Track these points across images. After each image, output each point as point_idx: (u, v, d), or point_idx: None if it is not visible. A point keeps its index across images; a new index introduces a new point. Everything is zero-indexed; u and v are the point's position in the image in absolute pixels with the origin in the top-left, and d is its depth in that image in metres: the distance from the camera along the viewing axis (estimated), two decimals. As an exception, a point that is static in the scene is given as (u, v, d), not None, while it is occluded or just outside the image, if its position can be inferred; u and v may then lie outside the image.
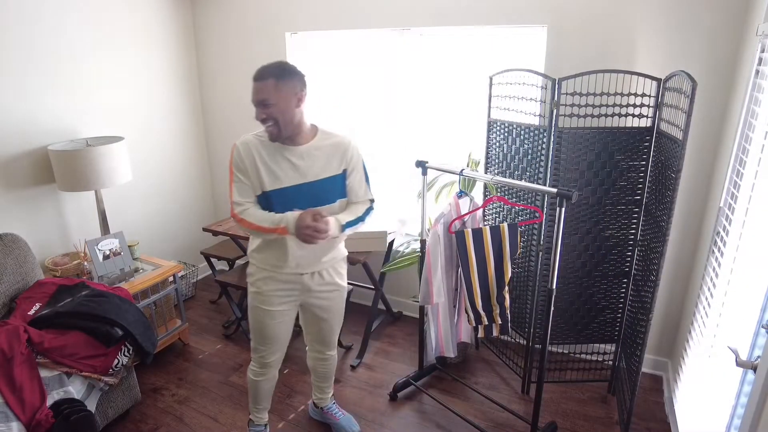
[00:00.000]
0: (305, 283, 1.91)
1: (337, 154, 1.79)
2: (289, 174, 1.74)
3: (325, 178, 1.78)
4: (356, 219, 1.84)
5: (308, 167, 1.75)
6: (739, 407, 1.49)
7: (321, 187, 1.78)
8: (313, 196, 1.77)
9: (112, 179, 2.63)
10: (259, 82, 1.64)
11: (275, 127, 1.68)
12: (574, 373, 2.63)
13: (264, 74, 1.64)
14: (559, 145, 2.17)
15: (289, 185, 1.75)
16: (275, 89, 1.64)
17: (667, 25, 2.19)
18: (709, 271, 2.04)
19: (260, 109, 1.65)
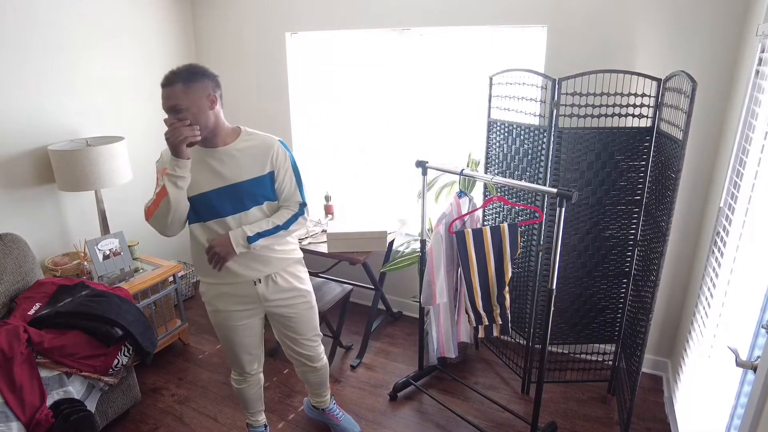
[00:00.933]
0: (260, 293, 1.83)
1: (260, 155, 1.71)
2: (209, 178, 1.68)
3: (248, 180, 1.70)
4: (274, 228, 1.75)
5: (229, 169, 1.68)
6: (739, 407, 1.49)
7: (244, 190, 1.70)
8: (237, 200, 1.70)
9: (112, 179, 2.63)
10: (167, 88, 1.58)
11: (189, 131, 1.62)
12: (574, 373, 2.64)
13: (171, 79, 1.58)
14: (559, 145, 2.17)
15: (210, 189, 1.68)
16: (184, 93, 1.58)
17: (667, 25, 2.19)
18: (709, 271, 2.04)
19: (172, 115, 1.60)
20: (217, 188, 1.68)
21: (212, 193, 1.68)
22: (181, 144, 1.59)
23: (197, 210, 1.70)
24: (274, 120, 3.37)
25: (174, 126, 1.59)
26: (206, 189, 1.67)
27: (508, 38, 2.61)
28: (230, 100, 3.50)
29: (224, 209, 1.69)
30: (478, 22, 2.56)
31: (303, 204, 1.83)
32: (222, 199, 1.68)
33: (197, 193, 1.68)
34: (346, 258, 2.59)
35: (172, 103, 1.58)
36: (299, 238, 2.76)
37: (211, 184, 1.67)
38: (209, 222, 1.71)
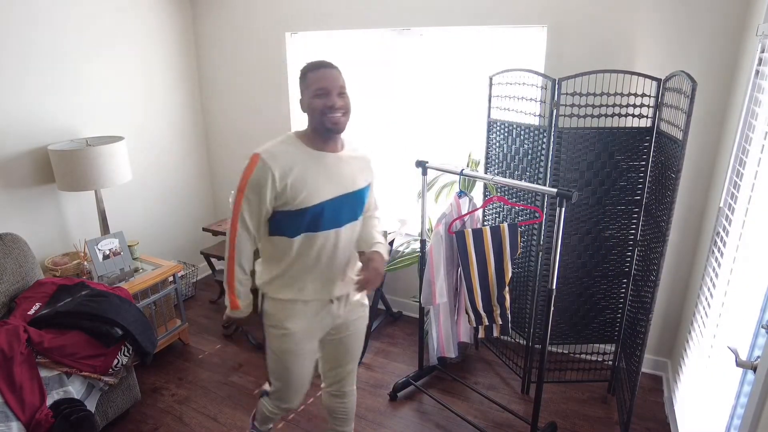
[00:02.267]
0: (334, 313, 1.66)
1: (364, 165, 1.64)
2: (327, 185, 1.51)
3: (359, 190, 1.59)
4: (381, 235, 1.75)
5: (346, 176, 1.56)
6: (739, 407, 1.49)
7: (357, 199, 1.59)
8: (351, 209, 1.58)
9: (112, 179, 2.62)
10: (331, 69, 1.47)
11: (345, 118, 1.50)
12: (574, 374, 2.63)
13: (333, 64, 1.49)
14: (559, 145, 2.17)
15: (333, 197, 1.51)
16: (344, 81, 1.50)
17: (667, 25, 2.19)
18: (708, 271, 2.04)
19: (337, 98, 1.46)
20: (339, 196, 1.53)
21: (335, 201, 1.52)
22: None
23: (311, 220, 1.50)
24: (274, 120, 3.37)
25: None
26: (329, 197, 1.51)
27: (508, 38, 2.61)
28: (230, 100, 3.50)
29: (342, 218, 1.56)
30: (478, 22, 2.56)
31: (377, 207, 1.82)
32: (342, 208, 1.55)
33: (319, 202, 1.49)
34: (346, 258, 2.58)
35: (341, 83, 1.48)
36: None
37: (332, 191, 1.52)
38: (323, 232, 1.53)
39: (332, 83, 1.45)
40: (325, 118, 1.46)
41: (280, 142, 1.51)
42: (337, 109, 1.46)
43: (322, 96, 1.45)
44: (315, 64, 1.49)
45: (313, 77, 1.46)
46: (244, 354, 2.90)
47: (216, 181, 3.82)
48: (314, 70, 1.47)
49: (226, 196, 3.77)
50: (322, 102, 1.45)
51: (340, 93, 1.47)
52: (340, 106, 1.46)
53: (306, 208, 1.47)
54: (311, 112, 1.48)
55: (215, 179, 3.82)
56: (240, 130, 3.55)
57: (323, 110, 1.45)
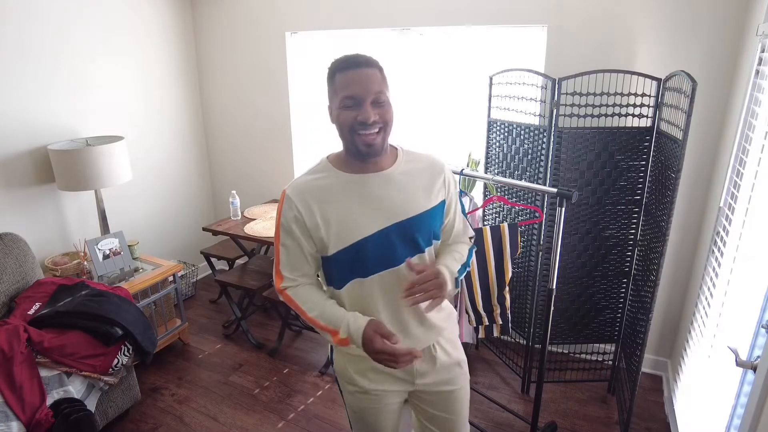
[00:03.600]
0: (416, 370, 1.34)
1: (430, 180, 1.26)
2: (371, 216, 1.19)
3: (420, 215, 1.22)
4: (463, 267, 1.33)
5: (397, 200, 1.21)
6: (739, 407, 1.49)
7: (418, 226, 1.23)
8: (410, 240, 1.23)
9: (112, 179, 2.62)
10: (365, 69, 1.12)
11: (380, 136, 1.15)
12: (574, 373, 2.63)
13: (369, 61, 1.14)
14: (559, 145, 2.17)
15: (378, 230, 1.19)
16: (384, 83, 1.15)
17: (667, 24, 2.19)
18: (709, 271, 2.04)
19: (370, 107, 1.11)
20: (386, 227, 1.20)
21: (382, 235, 1.20)
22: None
23: (352, 263, 1.22)
24: (274, 120, 3.37)
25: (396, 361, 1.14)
26: (372, 231, 1.19)
27: (508, 38, 2.61)
28: (230, 100, 3.50)
29: (397, 254, 1.21)
30: (478, 22, 2.56)
31: (473, 237, 1.42)
32: (394, 242, 1.21)
33: (358, 239, 1.19)
34: (346, 258, 2.58)
35: (378, 89, 1.12)
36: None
37: (376, 224, 1.19)
38: (375, 275, 1.22)
39: (365, 89, 1.10)
40: (356, 137, 1.13)
41: (309, 171, 1.26)
42: (371, 124, 1.11)
43: (351, 107, 1.12)
44: (345, 61, 1.14)
45: (342, 80, 1.12)
46: (244, 354, 2.91)
47: (216, 180, 3.82)
48: (343, 69, 1.13)
49: (226, 195, 3.77)
50: (351, 115, 1.12)
51: (376, 101, 1.12)
52: (374, 120, 1.11)
53: (343, 249, 1.20)
54: (339, 127, 1.16)
55: (215, 179, 3.82)
56: (240, 129, 3.55)
57: (353, 126, 1.12)
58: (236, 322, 3.09)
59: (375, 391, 1.34)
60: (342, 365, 1.36)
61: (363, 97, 1.11)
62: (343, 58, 1.15)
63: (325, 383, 2.64)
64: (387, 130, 1.16)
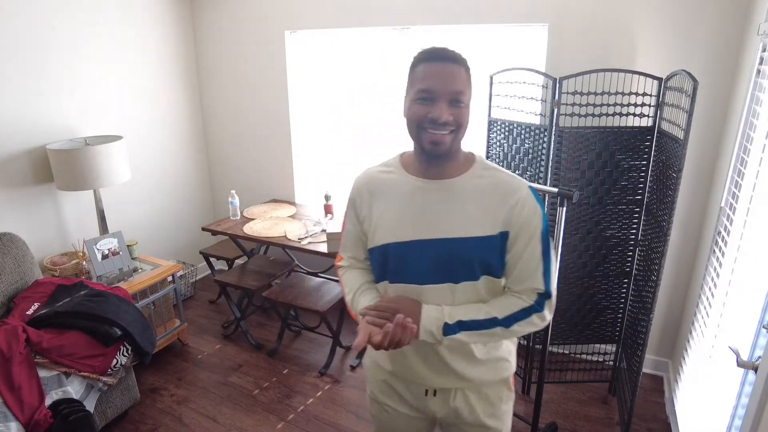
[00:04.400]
0: (430, 410, 1.23)
1: (496, 204, 1.08)
2: (412, 223, 1.11)
3: (467, 239, 1.08)
4: (488, 321, 1.08)
5: (444, 214, 1.09)
6: (740, 408, 1.49)
7: (455, 251, 1.08)
8: (439, 264, 1.09)
9: (111, 178, 2.62)
10: (450, 64, 1.02)
11: (450, 137, 1.04)
12: (575, 374, 2.63)
13: (456, 57, 1.03)
14: (560, 144, 2.16)
15: (406, 240, 1.11)
16: (468, 82, 1.05)
17: (668, 24, 2.19)
18: (710, 271, 2.03)
19: (445, 105, 1.02)
20: (415, 240, 1.10)
21: (408, 246, 1.11)
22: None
23: (379, 264, 1.17)
24: (273, 119, 3.36)
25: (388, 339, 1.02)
26: (401, 239, 1.11)
27: (509, 37, 2.60)
28: (230, 99, 3.50)
29: (421, 273, 1.10)
30: (479, 21, 2.56)
31: (544, 294, 1.11)
32: (420, 259, 1.10)
33: (385, 243, 1.13)
34: (345, 258, 2.58)
35: (458, 88, 1.02)
36: (299, 237, 2.75)
37: (412, 232, 1.10)
38: (400, 285, 1.14)
39: (444, 85, 1.01)
40: (423, 134, 1.04)
41: (382, 163, 1.23)
42: (443, 124, 1.02)
43: (424, 101, 1.03)
44: (430, 52, 1.04)
45: (422, 72, 1.04)
46: (244, 354, 2.90)
47: (215, 180, 3.82)
48: (426, 61, 1.03)
49: (226, 195, 3.76)
50: (423, 110, 1.03)
51: (453, 100, 1.02)
52: (446, 120, 1.02)
53: (374, 248, 1.16)
54: (408, 121, 1.08)
55: (214, 178, 3.82)
56: (240, 129, 3.54)
57: (421, 122, 1.04)
58: (235, 322, 3.08)
59: (386, 405, 1.29)
60: (368, 366, 1.32)
61: (440, 93, 1.01)
62: (430, 48, 1.05)
63: (325, 384, 2.63)
64: (459, 134, 1.06)
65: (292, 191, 3.48)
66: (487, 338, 1.10)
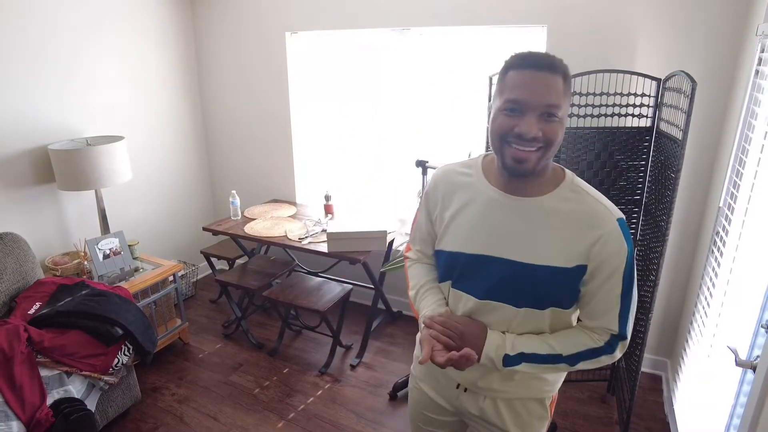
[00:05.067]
0: (464, 408, 1.23)
1: (577, 233, 1.00)
2: (487, 235, 1.05)
3: (539, 266, 1.01)
4: (552, 357, 1.04)
5: (524, 236, 1.02)
6: (739, 407, 1.49)
7: (524, 277, 1.03)
8: (504, 286, 1.05)
9: (112, 179, 2.63)
10: (547, 74, 0.93)
11: (537, 155, 0.96)
12: (574, 373, 2.64)
13: (554, 64, 0.94)
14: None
15: (476, 253, 1.06)
16: (564, 95, 0.96)
17: (667, 25, 2.19)
18: (708, 271, 2.04)
19: (534, 120, 0.94)
20: (486, 255, 1.06)
21: (476, 259, 1.07)
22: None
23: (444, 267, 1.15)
24: (274, 120, 3.37)
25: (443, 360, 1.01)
26: (471, 250, 1.07)
27: (508, 38, 2.61)
28: (231, 100, 3.50)
29: (480, 288, 1.08)
30: (478, 22, 2.56)
31: (618, 336, 1.04)
32: (488, 275, 1.06)
33: (453, 251, 1.10)
34: (346, 258, 2.59)
35: (552, 101, 0.93)
36: (299, 237, 2.76)
37: (482, 246, 1.06)
38: (457, 291, 1.13)
39: (536, 96, 0.92)
40: (506, 148, 0.97)
41: (463, 162, 1.17)
42: (530, 140, 0.94)
43: (512, 112, 0.94)
44: (525, 57, 0.95)
45: (513, 79, 0.95)
46: (244, 353, 2.91)
47: (216, 180, 3.82)
48: (520, 67, 0.94)
49: (227, 195, 3.77)
50: (509, 123, 0.94)
51: (545, 113, 0.94)
52: (535, 135, 0.93)
53: (442, 251, 1.14)
54: (491, 133, 1.00)
55: (215, 178, 3.82)
56: (240, 129, 3.55)
57: (505, 135, 0.96)
58: (236, 321, 3.09)
59: (425, 394, 1.28)
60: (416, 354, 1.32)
61: (531, 105, 0.93)
62: (525, 53, 0.95)
63: (325, 383, 2.64)
64: (549, 152, 0.97)
65: (293, 191, 3.49)
66: (548, 372, 1.08)
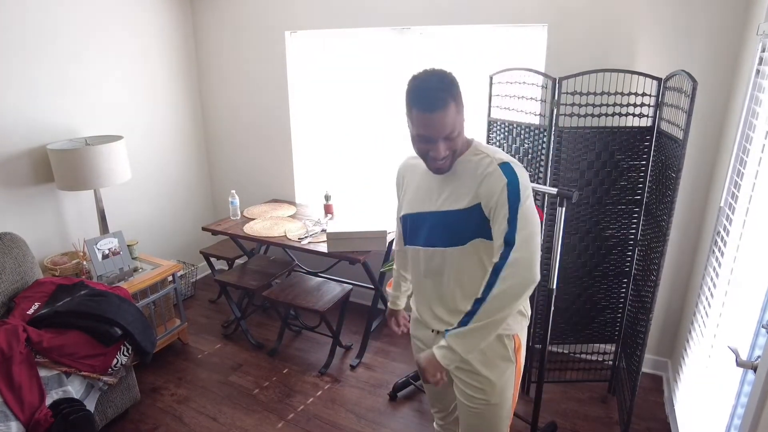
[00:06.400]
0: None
1: (474, 182, 1.27)
2: (418, 199, 1.39)
3: (447, 211, 1.32)
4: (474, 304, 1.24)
5: (437, 191, 1.34)
6: (739, 407, 1.49)
7: (442, 221, 1.33)
8: (433, 231, 1.35)
9: (111, 178, 2.62)
10: (438, 113, 1.16)
11: (449, 160, 1.27)
12: (574, 373, 2.63)
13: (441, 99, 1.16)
14: (560, 144, 2.16)
15: (414, 212, 1.40)
16: (456, 113, 1.20)
17: (667, 24, 2.19)
18: (709, 271, 2.04)
19: (441, 144, 1.21)
20: (417, 213, 1.39)
21: (414, 217, 1.40)
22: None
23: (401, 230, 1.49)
24: (273, 119, 3.36)
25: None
26: (411, 210, 1.41)
27: (509, 37, 2.60)
28: (230, 99, 3.50)
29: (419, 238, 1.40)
30: (479, 21, 2.56)
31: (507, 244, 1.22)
32: (420, 227, 1.39)
33: (403, 214, 1.45)
34: (345, 257, 2.58)
35: (447, 132, 1.19)
36: (299, 237, 2.75)
37: (423, 204, 1.37)
38: (409, 247, 1.45)
39: (437, 132, 1.19)
40: (427, 161, 1.28)
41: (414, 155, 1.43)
42: (441, 158, 1.24)
43: (426, 143, 1.23)
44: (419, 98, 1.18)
45: (416, 119, 1.20)
46: (244, 354, 2.90)
47: (215, 180, 3.82)
48: (418, 109, 1.18)
49: (226, 195, 3.77)
50: (424, 147, 1.25)
51: (447, 138, 1.21)
52: (444, 155, 1.23)
53: (398, 218, 1.50)
54: (414, 149, 1.30)
55: (215, 178, 3.82)
56: (240, 129, 3.54)
57: (422, 155, 1.28)
58: (236, 322, 3.08)
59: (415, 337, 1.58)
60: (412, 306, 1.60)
61: (435, 138, 1.20)
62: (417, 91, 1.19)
63: (325, 383, 2.64)
64: (456, 154, 1.28)
65: (293, 191, 3.48)
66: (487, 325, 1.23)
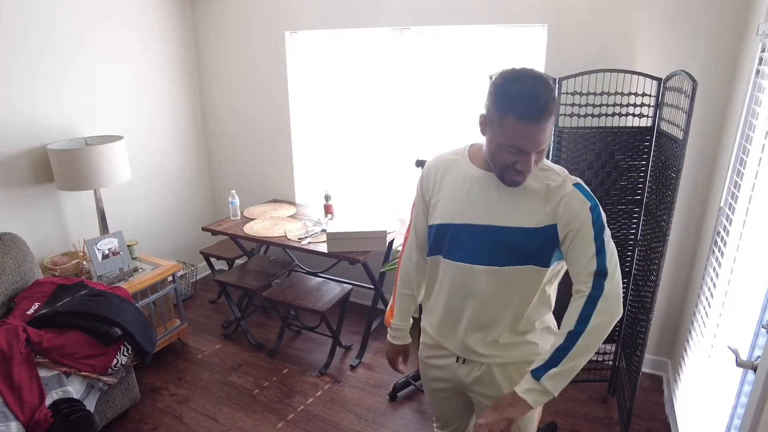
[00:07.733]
0: (460, 376, 1.35)
1: (541, 200, 1.17)
2: (466, 208, 1.22)
3: (513, 228, 1.18)
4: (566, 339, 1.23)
5: (497, 206, 1.19)
6: (739, 407, 1.49)
7: (503, 238, 1.19)
8: (486, 248, 1.21)
9: (111, 178, 2.62)
10: (543, 124, 1.05)
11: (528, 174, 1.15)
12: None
13: (549, 110, 1.04)
14: (560, 144, 2.16)
15: (462, 222, 1.23)
16: (552, 129, 1.12)
17: (667, 24, 2.19)
18: (709, 271, 2.04)
19: (532, 158, 1.10)
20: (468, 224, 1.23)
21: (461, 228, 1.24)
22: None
23: (434, 239, 1.30)
24: (273, 119, 3.36)
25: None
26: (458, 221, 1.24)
27: (509, 37, 2.61)
28: (230, 100, 3.50)
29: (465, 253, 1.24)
30: (479, 21, 2.56)
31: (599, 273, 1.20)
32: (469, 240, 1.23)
33: (444, 222, 1.26)
34: (345, 258, 2.58)
35: (545, 143, 1.09)
36: (299, 237, 2.76)
37: (467, 216, 1.23)
38: (446, 260, 1.28)
39: (535, 145, 1.07)
40: (507, 173, 1.14)
41: (452, 151, 1.32)
42: (530, 172, 1.13)
43: (514, 154, 1.10)
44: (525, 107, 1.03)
45: (514, 128, 1.06)
46: (244, 354, 2.90)
47: (215, 180, 3.82)
48: (519, 117, 1.04)
49: (226, 195, 3.77)
50: (511, 159, 1.11)
51: (541, 150, 1.10)
52: (533, 169, 1.12)
53: (432, 225, 1.30)
54: (491, 156, 1.14)
55: (215, 178, 3.82)
56: (240, 129, 3.55)
57: (507, 166, 1.12)
58: (236, 322, 3.08)
59: (426, 362, 1.45)
60: (422, 326, 1.48)
61: (530, 151, 1.08)
62: (525, 96, 1.03)
63: (325, 383, 2.64)
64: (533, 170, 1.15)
65: (292, 191, 3.48)
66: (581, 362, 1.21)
